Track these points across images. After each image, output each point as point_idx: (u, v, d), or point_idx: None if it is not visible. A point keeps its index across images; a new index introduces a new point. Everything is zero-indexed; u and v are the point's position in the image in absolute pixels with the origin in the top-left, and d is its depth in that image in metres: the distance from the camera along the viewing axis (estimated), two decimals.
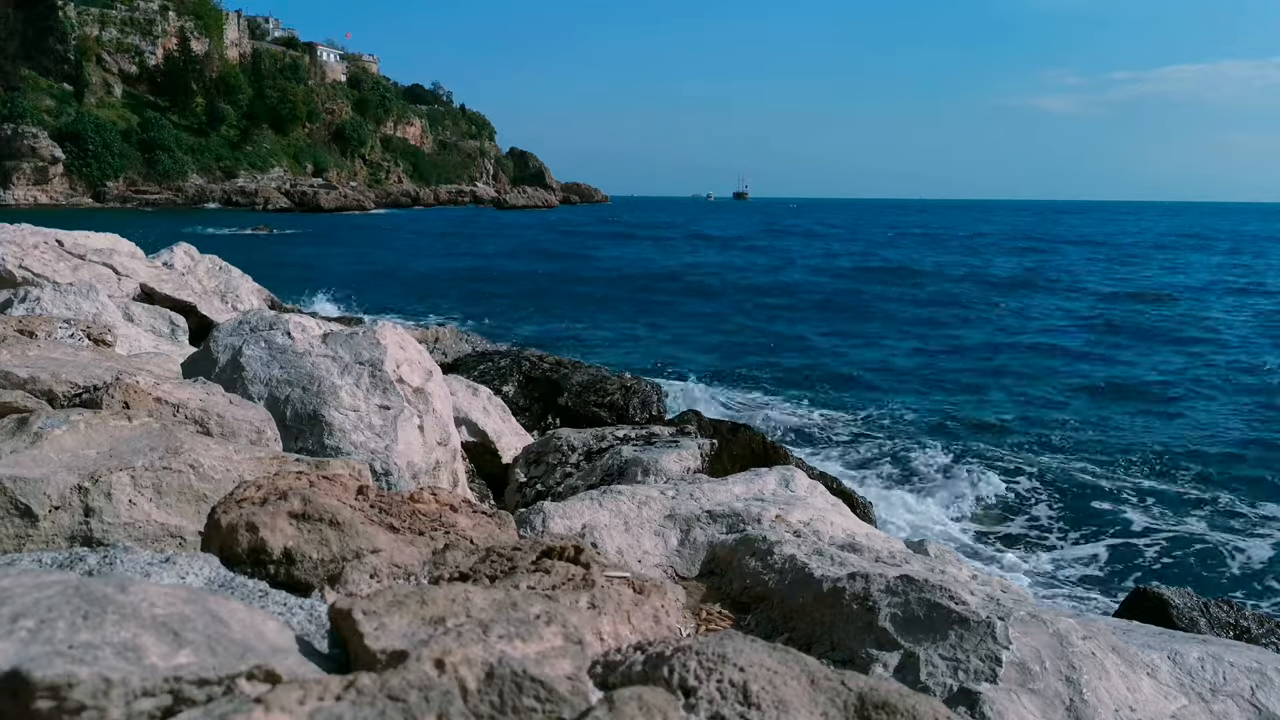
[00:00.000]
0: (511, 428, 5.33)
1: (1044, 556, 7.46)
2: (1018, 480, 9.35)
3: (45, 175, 72.73)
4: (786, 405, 12.66)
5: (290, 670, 0.95)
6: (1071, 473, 9.63)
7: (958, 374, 14.96)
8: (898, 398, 13.08)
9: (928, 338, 18.82)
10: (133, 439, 1.91)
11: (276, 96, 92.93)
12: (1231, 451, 10.56)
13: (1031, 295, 26.77)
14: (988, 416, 12.09)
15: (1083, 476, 9.52)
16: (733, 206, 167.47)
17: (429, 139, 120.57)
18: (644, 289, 26.76)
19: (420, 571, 1.47)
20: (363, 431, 3.08)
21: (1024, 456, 10.20)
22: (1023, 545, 7.69)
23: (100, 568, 1.35)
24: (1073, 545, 7.74)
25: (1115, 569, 7.28)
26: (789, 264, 37.67)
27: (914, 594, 1.95)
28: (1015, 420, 11.93)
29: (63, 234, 6.40)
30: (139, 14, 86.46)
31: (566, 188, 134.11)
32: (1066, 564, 7.34)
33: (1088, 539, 7.88)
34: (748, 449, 4.92)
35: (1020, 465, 9.88)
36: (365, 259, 34.67)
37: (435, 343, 9.46)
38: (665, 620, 1.36)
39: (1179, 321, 21.74)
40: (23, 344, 2.89)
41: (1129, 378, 14.90)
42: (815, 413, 12.23)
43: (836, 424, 11.63)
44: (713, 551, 2.53)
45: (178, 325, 5.60)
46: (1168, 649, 2.10)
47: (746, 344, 17.56)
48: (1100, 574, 7.17)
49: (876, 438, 10.93)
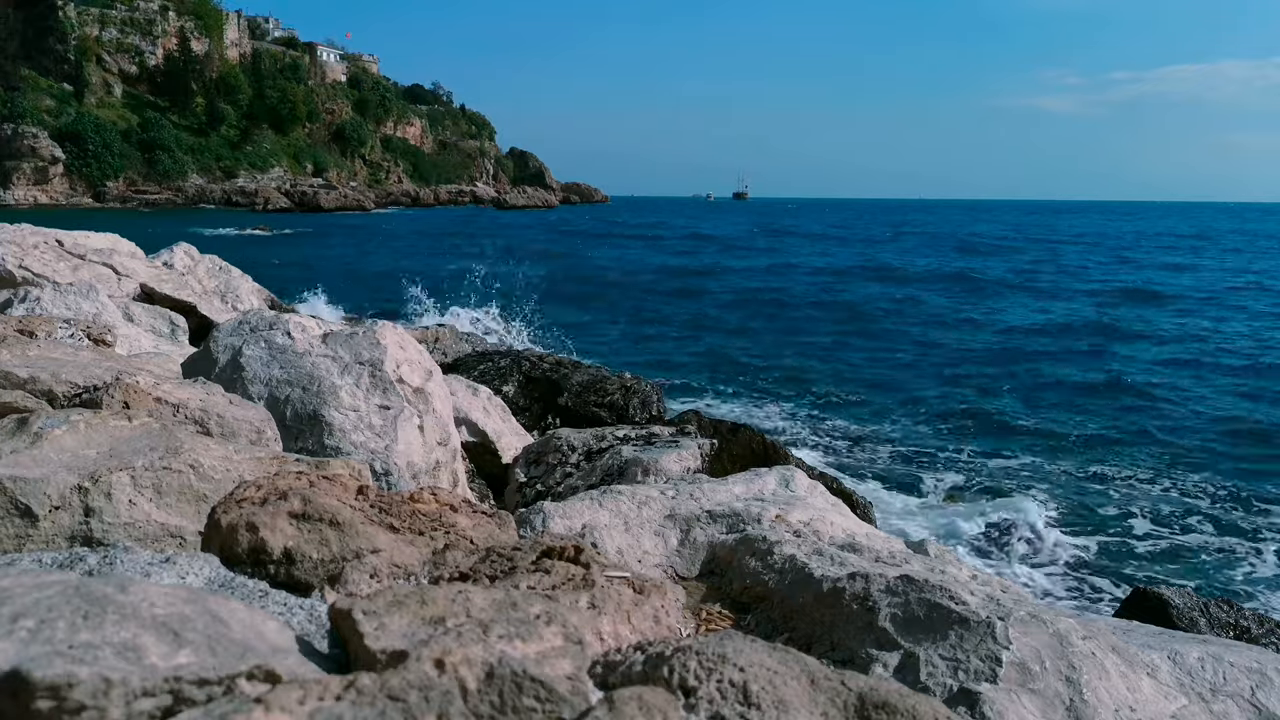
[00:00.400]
0: (511, 428, 5.33)
1: (1044, 556, 7.46)
2: (1018, 480, 9.36)
3: (45, 175, 72.72)
4: (786, 405, 12.66)
5: (290, 670, 0.95)
6: (1072, 472, 9.63)
7: (958, 375, 14.96)
8: (898, 398, 13.09)
9: (929, 338, 18.82)
10: (133, 439, 1.91)
11: (276, 96, 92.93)
12: (1232, 451, 10.56)
13: (1032, 295, 26.76)
14: (988, 416, 12.09)
15: (1083, 476, 9.52)
16: (732, 206, 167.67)
17: (429, 139, 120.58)
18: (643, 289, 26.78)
19: (420, 571, 1.47)
20: (363, 431, 3.08)
21: (1024, 456, 10.20)
22: (1023, 545, 7.69)
23: (100, 568, 1.35)
24: (1073, 545, 7.74)
25: (1115, 569, 7.28)
26: (788, 266, 37.67)
27: (914, 594, 1.95)
28: (1015, 420, 11.93)
29: (63, 234, 6.40)
30: (139, 14, 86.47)
31: (566, 188, 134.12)
32: (1066, 564, 7.34)
33: (1088, 539, 7.88)
34: (748, 449, 4.92)
35: (1020, 465, 9.89)
36: (365, 258, 34.66)
37: (435, 343, 9.46)
38: (665, 620, 1.36)
39: (1180, 321, 21.74)
40: (23, 344, 2.89)
41: (1130, 377, 14.90)
42: (815, 412, 12.23)
43: (837, 424, 11.63)
44: (713, 551, 2.53)
45: (178, 325, 5.60)
46: (1168, 649, 2.10)
47: (745, 342, 17.56)
48: (1100, 574, 7.17)
49: (877, 437, 10.94)
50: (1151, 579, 6.95)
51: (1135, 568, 7.33)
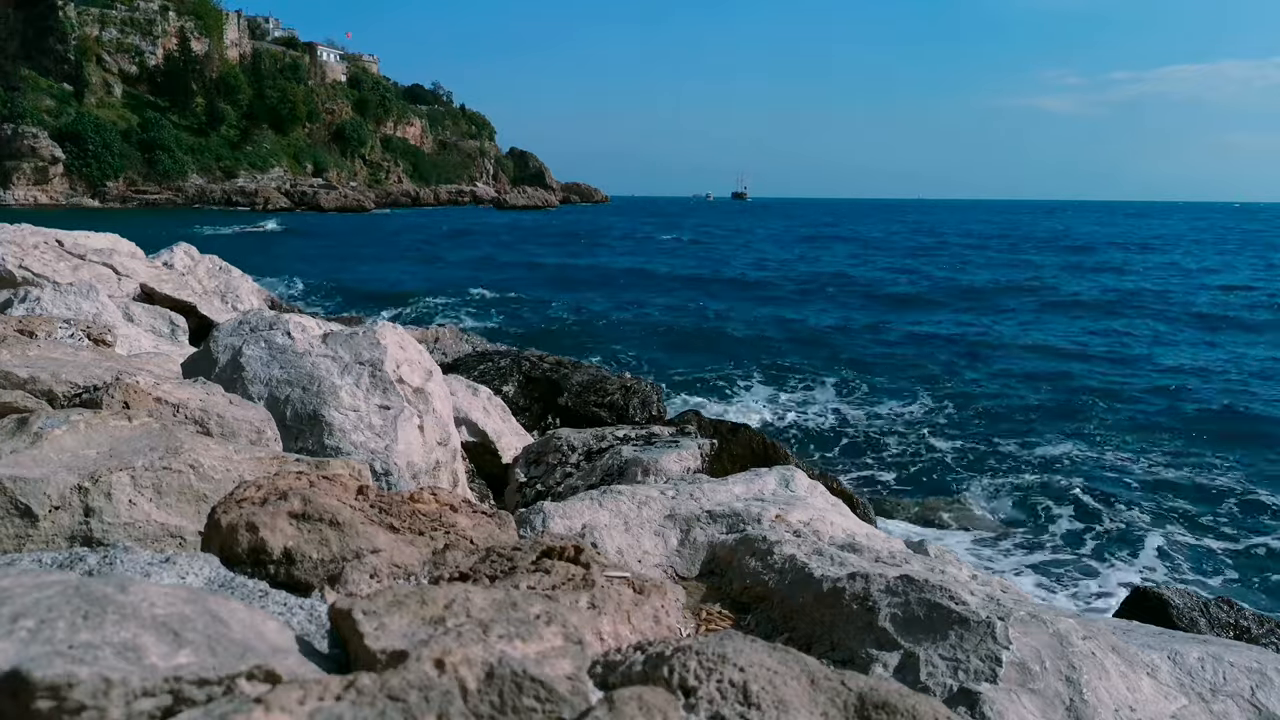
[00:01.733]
0: (511, 428, 5.33)
1: (1044, 556, 7.46)
2: (1018, 480, 9.36)
3: (45, 175, 72.73)
4: (787, 405, 12.67)
5: (290, 670, 0.95)
6: (1072, 472, 9.63)
7: (959, 374, 14.96)
8: (899, 398, 13.09)
9: (929, 337, 18.82)
10: (133, 439, 1.91)
11: (276, 96, 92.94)
12: (1232, 451, 10.56)
13: (1032, 294, 26.76)
14: (988, 416, 12.09)
15: (1083, 476, 9.52)
16: (731, 207, 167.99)
17: (429, 139, 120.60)
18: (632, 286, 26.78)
19: (420, 571, 1.47)
20: (363, 431, 3.08)
21: (1024, 457, 10.20)
22: (1023, 545, 7.69)
23: (100, 568, 1.35)
24: (1073, 545, 7.74)
25: (1115, 569, 7.28)
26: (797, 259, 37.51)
27: (914, 594, 1.95)
28: (1016, 421, 11.93)
29: (63, 234, 6.40)
30: (139, 14, 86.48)
31: (566, 188, 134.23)
32: (1066, 564, 7.34)
33: (1088, 539, 7.88)
34: (748, 449, 4.92)
35: (1020, 465, 9.89)
36: (365, 260, 34.67)
37: (435, 343, 9.46)
38: (665, 620, 1.36)
39: (1181, 318, 21.75)
40: (23, 344, 2.89)
41: (1131, 376, 14.91)
42: (816, 412, 12.24)
43: (837, 424, 11.64)
44: (713, 551, 2.53)
45: (178, 325, 5.60)
46: (1168, 649, 2.10)
47: (743, 344, 17.56)
48: (1100, 574, 7.17)
49: (877, 437, 10.94)
50: (1152, 579, 6.95)
51: (1135, 568, 7.33)
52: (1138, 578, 7.00)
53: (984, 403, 12.84)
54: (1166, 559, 7.54)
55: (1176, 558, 7.56)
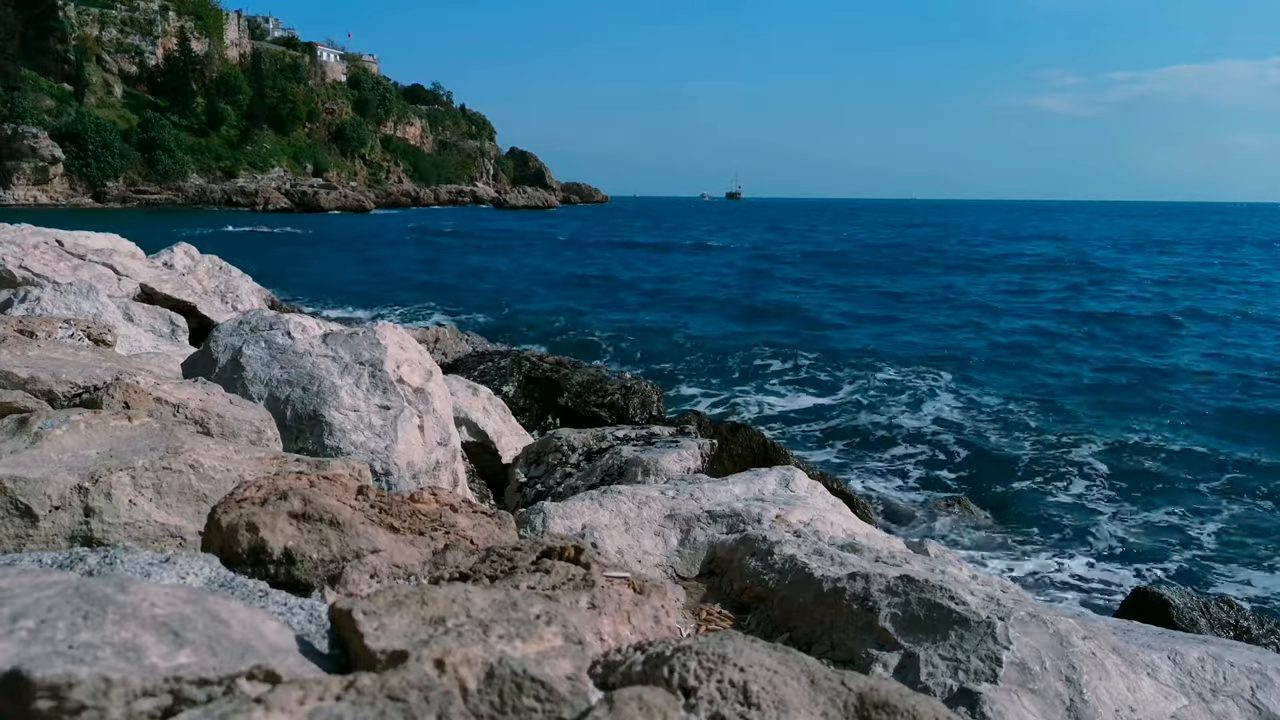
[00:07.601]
0: (511, 428, 5.33)
1: (1044, 556, 7.46)
2: (1018, 480, 9.36)
3: (45, 175, 72.70)
4: (786, 405, 12.66)
5: (290, 670, 0.95)
6: (1072, 472, 9.63)
7: (959, 374, 14.95)
8: (899, 398, 13.08)
9: (930, 337, 18.81)
10: (133, 439, 1.91)
11: (276, 97, 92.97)
12: (1233, 451, 10.55)
13: (1033, 295, 26.76)
14: (988, 417, 12.09)
15: (1083, 476, 9.52)
16: (726, 207, 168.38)
17: (429, 139, 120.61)
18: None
19: (420, 571, 1.47)
20: (363, 431, 3.08)
21: (1024, 457, 10.20)
22: (1023, 545, 7.69)
23: (100, 568, 1.35)
24: (1073, 545, 7.74)
25: (1115, 569, 7.28)
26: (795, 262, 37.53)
27: (914, 594, 1.95)
28: (1015, 421, 11.93)
29: (63, 234, 6.40)
30: (139, 14, 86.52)
31: (566, 188, 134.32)
32: (1066, 564, 7.34)
33: (1088, 539, 7.88)
34: (748, 449, 4.92)
35: (1020, 466, 9.89)
36: (365, 260, 34.66)
37: (435, 343, 9.46)
38: (665, 620, 1.36)
39: (1181, 318, 21.75)
40: (23, 344, 2.89)
41: (1130, 377, 14.91)
42: (815, 413, 12.23)
43: (837, 424, 11.63)
44: (713, 551, 2.53)
45: (178, 325, 5.60)
46: (1168, 649, 2.10)
47: (743, 341, 17.56)
48: (1100, 574, 7.17)
49: (877, 438, 10.94)
50: (1151, 579, 6.95)
51: (1135, 568, 7.33)
52: (1138, 578, 7.00)
53: (990, 403, 12.84)
54: (1167, 559, 7.53)
55: (1177, 558, 7.56)
